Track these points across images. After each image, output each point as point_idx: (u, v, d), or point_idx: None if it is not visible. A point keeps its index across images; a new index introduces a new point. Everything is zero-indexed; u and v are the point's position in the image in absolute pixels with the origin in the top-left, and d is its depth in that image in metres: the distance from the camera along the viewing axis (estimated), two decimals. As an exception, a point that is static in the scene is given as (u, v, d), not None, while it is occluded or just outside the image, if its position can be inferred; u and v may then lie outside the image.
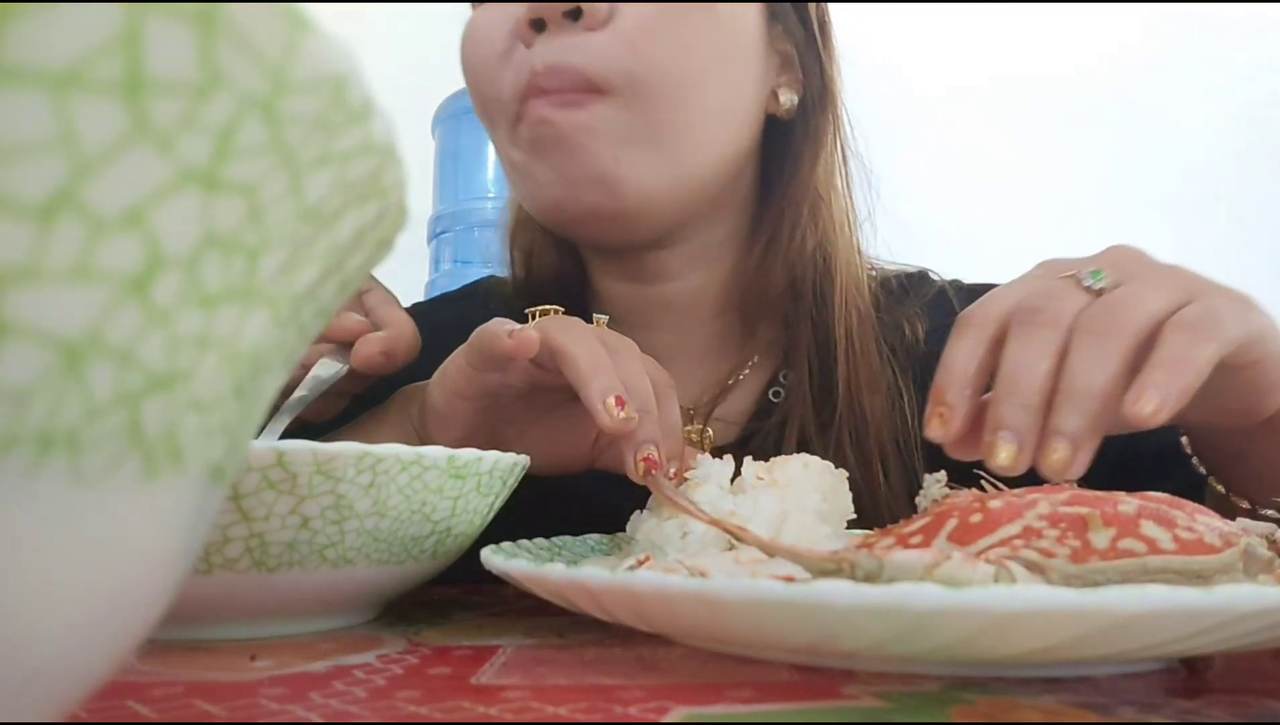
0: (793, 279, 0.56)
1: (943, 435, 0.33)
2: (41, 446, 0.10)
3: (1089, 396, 0.30)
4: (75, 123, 0.09)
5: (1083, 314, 0.32)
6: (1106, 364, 0.31)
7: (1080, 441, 0.30)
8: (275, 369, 0.14)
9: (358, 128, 0.12)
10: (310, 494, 0.29)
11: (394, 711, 0.21)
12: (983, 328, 0.34)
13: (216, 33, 0.10)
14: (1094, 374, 0.31)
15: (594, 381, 0.38)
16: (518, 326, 0.41)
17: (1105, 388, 0.30)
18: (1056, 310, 0.33)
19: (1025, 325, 0.33)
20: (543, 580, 0.27)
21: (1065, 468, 0.30)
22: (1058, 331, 0.32)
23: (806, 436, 0.53)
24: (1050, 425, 0.31)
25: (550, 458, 0.45)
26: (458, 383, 0.43)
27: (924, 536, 0.28)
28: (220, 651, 0.29)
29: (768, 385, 0.57)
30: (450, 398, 0.43)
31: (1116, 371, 0.31)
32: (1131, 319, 0.31)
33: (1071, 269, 0.34)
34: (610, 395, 0.38)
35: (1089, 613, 0.20)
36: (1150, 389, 0.29)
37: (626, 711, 0.21)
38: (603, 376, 0.38)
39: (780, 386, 0.56)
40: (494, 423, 0.45)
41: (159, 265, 0.11)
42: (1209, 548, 0.25)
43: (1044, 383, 0.31)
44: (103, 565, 0.12)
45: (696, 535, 0.37)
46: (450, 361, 0.44)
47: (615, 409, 0.37)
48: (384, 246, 0.15)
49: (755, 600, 0.22)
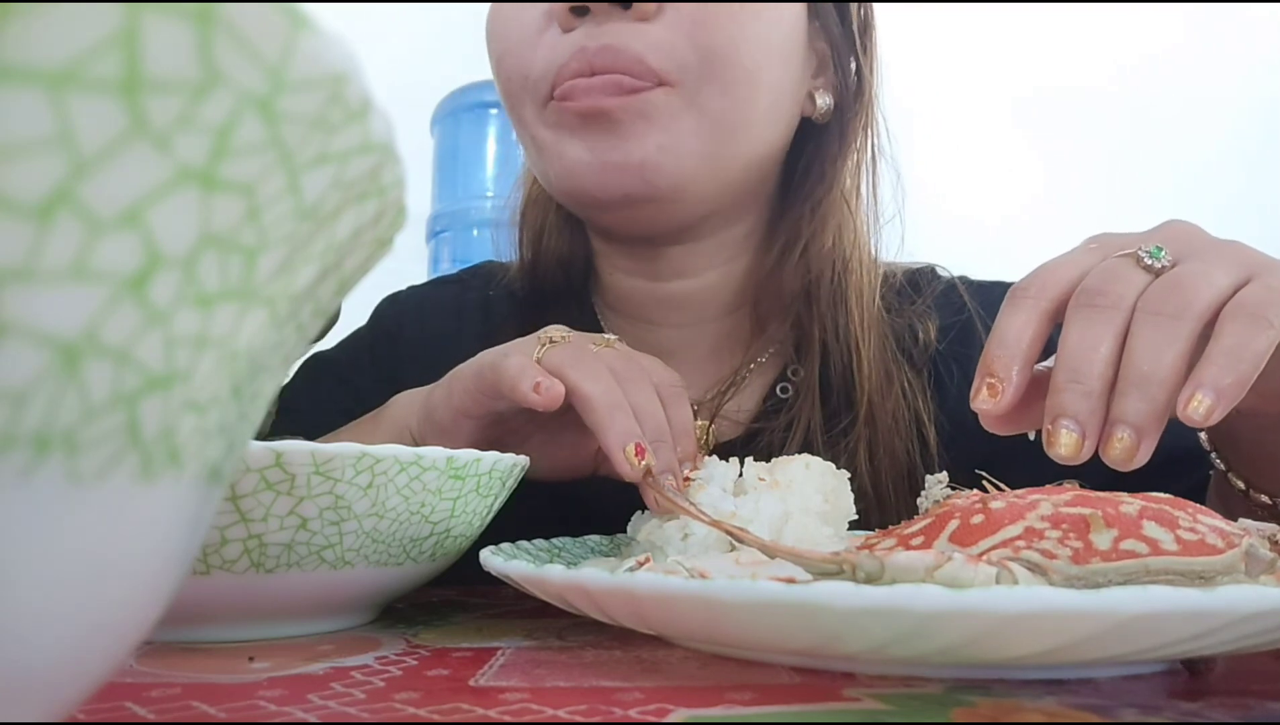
0: (809, 280, 0.55)
1: (991, 407, 0.32)
2: (38, 447, 0.10)
3: (1154, 382, 0.29)
4: (73, 121, 0.09)
5: (1145, 294, 0.31)
6: (1172, 348, 0.30)
7: (1145, 429, 0.30)
8: (273, 369, 0.14)
9: (356, 126, 0.12)
10: (309, 495, 0.29)
11: (392, 713, 0.21)
12: (1039, 301, 0.33)
13: (214, 31, 0.10)
14: (1159, 359, 0.30)
15: (612, 428, 0.39)
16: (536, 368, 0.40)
17: (1170, 373, 0.29)
18: (1119, 292, 0.31)
19: (1086, 307, 0.32)
20: (542, 582, 0.27)
21: (1130, 457, 0.30)
22: (1121, 313, 0.31)
23: (812, 437, 0.53)
24: (1114, 413, 0.30)
25: (553, 464, 0.45)
26: (464, 403, 0.43)
27: (925, 538, 0.28)
28: (218, 653, 0.29)
29: (774, 382, 0.57)
30: (455, 415, 0.43)
31: (1181, 356, 0.30)
32: (1196, 299, 0.30)
33: (1130, 246, 0.33)
34: (630, 442, 0.38)
35: (1091, 614, 0.20)
36: (1203, 388, 0.29)
37: (626, 714, 0.21)
38: (619, 420, 0.39)
39: (789, 382, 0.56)
40: (496, 435, 0.45)
41: (156, 265, 0.11)
42: (1211, 549, 0.25)
43: (1107, 368, 0.30)
44: (100, 566, 0.12)
45: (697, 537, 0.37)
46: (457, 381, 0.43)
47: (635, 458, 0.38)
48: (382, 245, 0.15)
49: (756, 602, 0.22)
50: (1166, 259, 0.32)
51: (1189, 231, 0.35)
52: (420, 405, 0.46)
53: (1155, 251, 0.32)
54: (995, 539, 0.26)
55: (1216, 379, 0.29)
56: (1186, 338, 0.30)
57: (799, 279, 0.55)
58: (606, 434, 0.39)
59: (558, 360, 0.41)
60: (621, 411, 0.39)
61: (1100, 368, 0.30)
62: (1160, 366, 0.30)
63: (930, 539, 0.28)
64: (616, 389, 0.40)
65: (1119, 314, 0.31)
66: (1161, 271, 0.32)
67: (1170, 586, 0.22)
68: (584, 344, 0.43)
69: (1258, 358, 0.29)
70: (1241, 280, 0.31)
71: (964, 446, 0.50)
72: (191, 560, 0.14)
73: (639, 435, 0.39)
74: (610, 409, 0.39)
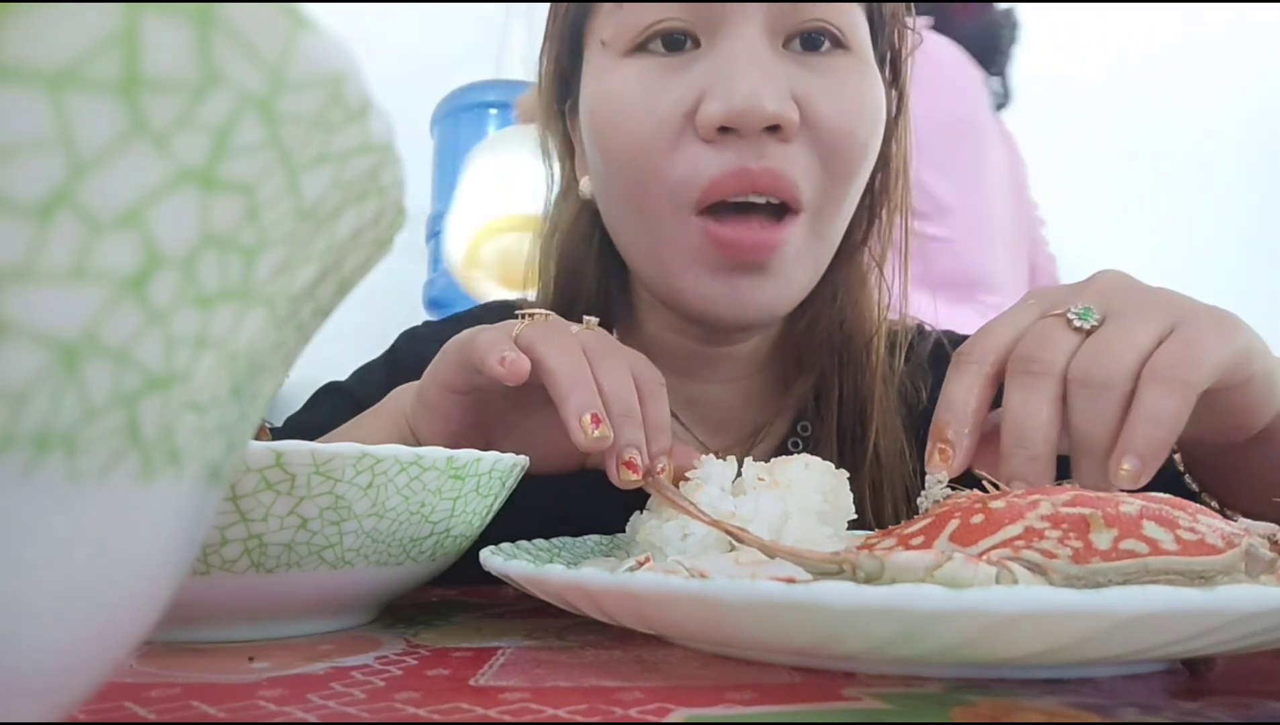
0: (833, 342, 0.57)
1: (945, 471, 0.36)
2: (38, 447, 0.10)
3: (1098, 450, 0.33)
4: (72, 121, 0.09)
5: (1075, 360, 0.35)
6: (1104, 417, 0.33)
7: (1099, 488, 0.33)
8: (273, 369, 0.14)
9: (356, 126, 0.12)
10: (309, 495, 0.29)
11: (392, 713, 0.21)
12: (980, 365, 0.37)
13: (214, 31, 0.10)
14: (1096, 428, 0.34)
15: (571, 398, 0.38)
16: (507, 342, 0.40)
17: (1107, 439, 0.33)
18: (1050, 358, 0.35)
19: (1023, 374, 0.35)
20: (542, 582, 0.27)
21: None
22: (1054, 380, 0.35)
23: None
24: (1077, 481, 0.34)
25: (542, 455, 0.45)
26: (449, 377, 0.43)
27: (925, 537, 0.28)
28: (218, 653, 0.29)
29: (786, 436, 0.59)
30: (441, 390, 0.44)
31: (1112, 424, 0.33)
32: (1119, 368, 0.34)
33: (1060, 306, 0.37)
34: (586, 412, 0.38)
35: (1091, 614, 0.20)
36: (1128, 456, 0.33)
37: (626, 713, 0.21)
38: (579, 392, 0.39)
39: (798, 438, 0.58)
40: (485, 418, 0.46)
41: (156, 265, 0.11)
42: (1211, 548, 0.25)
43: (1049, 432, 0.34)
44: (100, 566, 0.12)
45: (697, 537, 0.37)
46: (444, 356, 0.44)
47: (590, 427, 0.38)
48: (382, 245, 0.15)
49: (756, 602, 0.22)
50: (1094, 319, 0.36)
51: (1117, 283, 0.38)
52: (414, 389, 0.47)
53: (1084, 313, 0.36)
54: (995, 539, 0.26)
55: (1137, 444, 0.33)
56: (1116, 405, 0.34)
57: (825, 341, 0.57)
58: (564, 404, 0.38)
59: (531, 336, 0.41)
60: (584, 385, 0.39)
61: (1043, 433, 0.34)
62: (1099, 436, 0.34)
63: (930, 539, 0.28)
64: (584, 364, 0.40)
65: (1053, 381, 0.35)
66: (1091, 331, 0.36)
67: (1170, 586, 0.22)
68: (562, 323, 0.43)
69: (1176, 421, 0.33)
70: (1164, 331, 0.35)
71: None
72: (191, 560, 0.14)
73: (598, 408, 0.38)
74: (572, 380, 0.39)
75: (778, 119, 0.46)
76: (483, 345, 0.40)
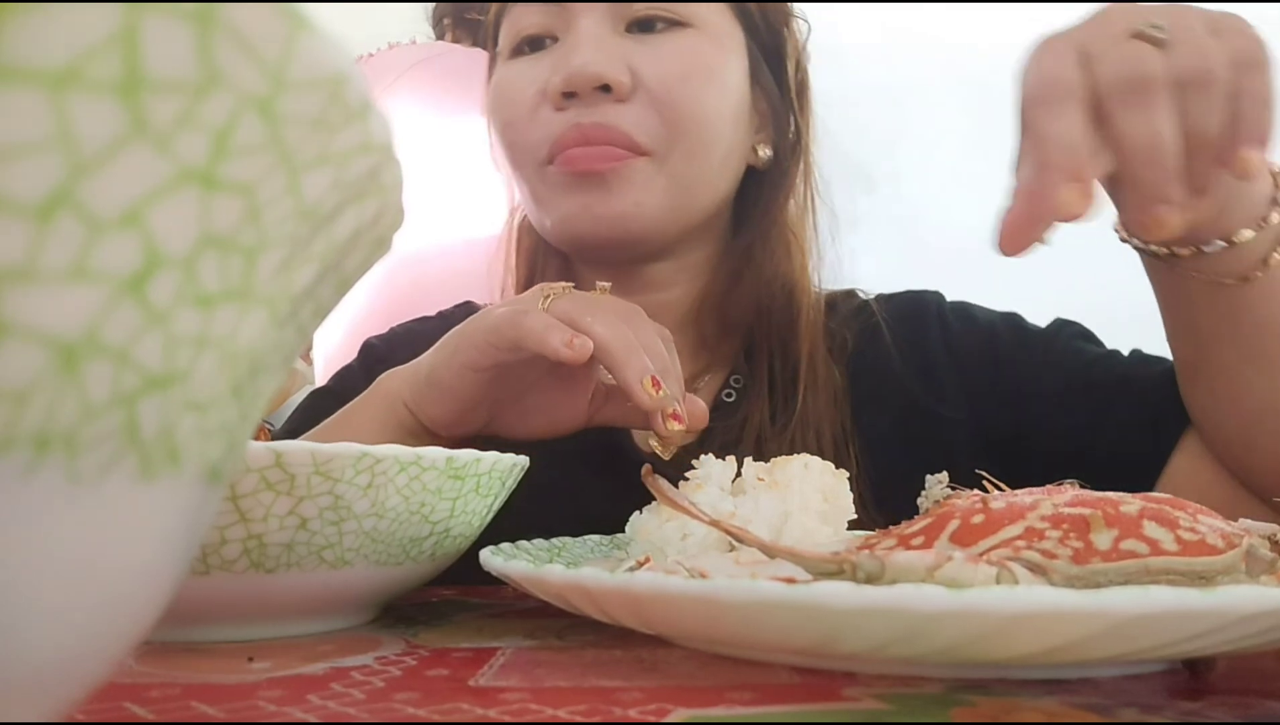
0: (758, 304, 0.63)
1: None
2: (38, 447, 0.10)
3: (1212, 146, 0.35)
4: (73, 122, 0.09)
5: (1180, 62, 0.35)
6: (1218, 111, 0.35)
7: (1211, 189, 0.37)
8: (273, 369, 0.14)
9: (356, 127, 0.12)
10: (308, 495, 0.29)
11: (392, 713, 0.21)
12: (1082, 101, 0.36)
13: (214, 31, 0.10)
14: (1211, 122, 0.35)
15: (629, 365, 0.42)
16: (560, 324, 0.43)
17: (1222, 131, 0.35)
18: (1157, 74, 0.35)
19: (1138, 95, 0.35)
20: (542, 582, 0.27)
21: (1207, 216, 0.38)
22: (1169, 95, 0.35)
23: (763, 433, 0.59)
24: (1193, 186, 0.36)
25: (549, 419, 0.49)
26: (473, 358, 0.46)
27: (926, 538, 0.28)
28: (218, 653, 0.29)
29: (720, 389, 0.64)
30: (461, 370, 0.46)
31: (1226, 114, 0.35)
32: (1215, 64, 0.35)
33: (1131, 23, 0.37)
34: (646, 376, 0.42)
35: (1091, 614, 0.20)
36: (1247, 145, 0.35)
37: (626, 713, 0.21)
38: (635, 359, 0.42)
39: (732, 389, 0.63)
40: (496, 393, 0.48)
41: (156, 265, 0.11)
42: (1211, 549, 0.25)
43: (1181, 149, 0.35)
44: (100, 566, 0.12)
45: (697, 537, 0.37)
46: (464, 338, 0.46)
47: (653, 389, 0.42)
48: (382, 245, 0.15)
49: (756, 602, 0.22)
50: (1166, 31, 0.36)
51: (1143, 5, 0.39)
52: (412, 375, 0.49)
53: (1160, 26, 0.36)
54: (995, 539, 0.26)
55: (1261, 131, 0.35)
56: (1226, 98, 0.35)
57: (748, 302, 0.63)
58: (625, 370, 0.42)
59: (570, 310, 0.44)
60: (636, 352, 0.42)
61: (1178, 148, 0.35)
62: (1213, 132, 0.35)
63: (930, 539, 0.28)
64: (629, 333, 0.43)
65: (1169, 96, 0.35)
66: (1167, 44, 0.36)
67: (1170, 586, 0.22)
68: (587, 294, 0.47)
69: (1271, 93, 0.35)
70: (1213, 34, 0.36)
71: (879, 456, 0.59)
72: (191, 560, 0.14)
73: (653, 369, 0.42)
74: (627, 349, 0.42)
75: (604, 78, 0.55)
76: (538, 327, 0.43)
